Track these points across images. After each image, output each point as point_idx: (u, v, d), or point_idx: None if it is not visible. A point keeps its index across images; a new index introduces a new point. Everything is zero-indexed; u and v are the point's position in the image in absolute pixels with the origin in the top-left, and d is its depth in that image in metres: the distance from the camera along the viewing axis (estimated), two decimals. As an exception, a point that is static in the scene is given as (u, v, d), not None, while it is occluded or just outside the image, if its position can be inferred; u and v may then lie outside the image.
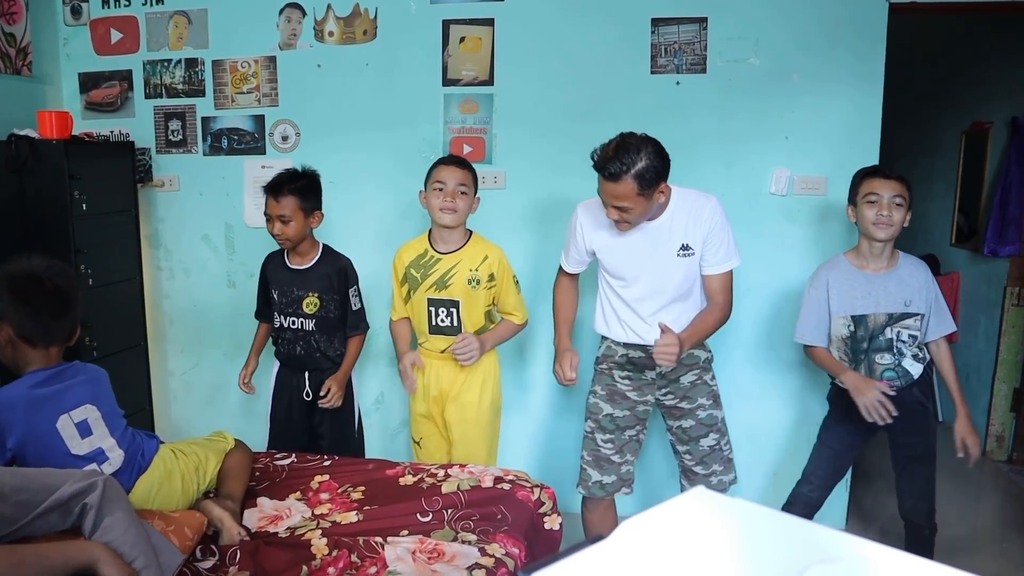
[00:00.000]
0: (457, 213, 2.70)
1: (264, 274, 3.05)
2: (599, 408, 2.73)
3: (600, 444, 2.72)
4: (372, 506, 2.30)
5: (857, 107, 3.19)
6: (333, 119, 3.51)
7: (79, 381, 2.08)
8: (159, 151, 3.69)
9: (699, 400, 2.68)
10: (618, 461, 2.72)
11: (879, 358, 2.64)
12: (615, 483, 2.72)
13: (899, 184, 2.57)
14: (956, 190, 4.78)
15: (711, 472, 2.72)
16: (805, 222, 3.28)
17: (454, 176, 2.70)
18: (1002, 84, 4.32)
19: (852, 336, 2.65)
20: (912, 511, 2.75)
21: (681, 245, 2.54)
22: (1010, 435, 4.30)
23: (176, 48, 3.62)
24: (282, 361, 3.02)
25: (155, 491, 2.15)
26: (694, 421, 2.68)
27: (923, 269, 2.67)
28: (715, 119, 3.26)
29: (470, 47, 3.37)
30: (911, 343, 2.63)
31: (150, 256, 3.76)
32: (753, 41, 3.21)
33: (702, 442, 2.69)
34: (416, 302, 2.80)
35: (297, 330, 2.94)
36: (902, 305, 2.61)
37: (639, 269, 2.57)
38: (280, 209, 2.82)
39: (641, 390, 2.70)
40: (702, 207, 2.54)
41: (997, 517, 3.79)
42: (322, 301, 2.92)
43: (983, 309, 4.48)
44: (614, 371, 2.72)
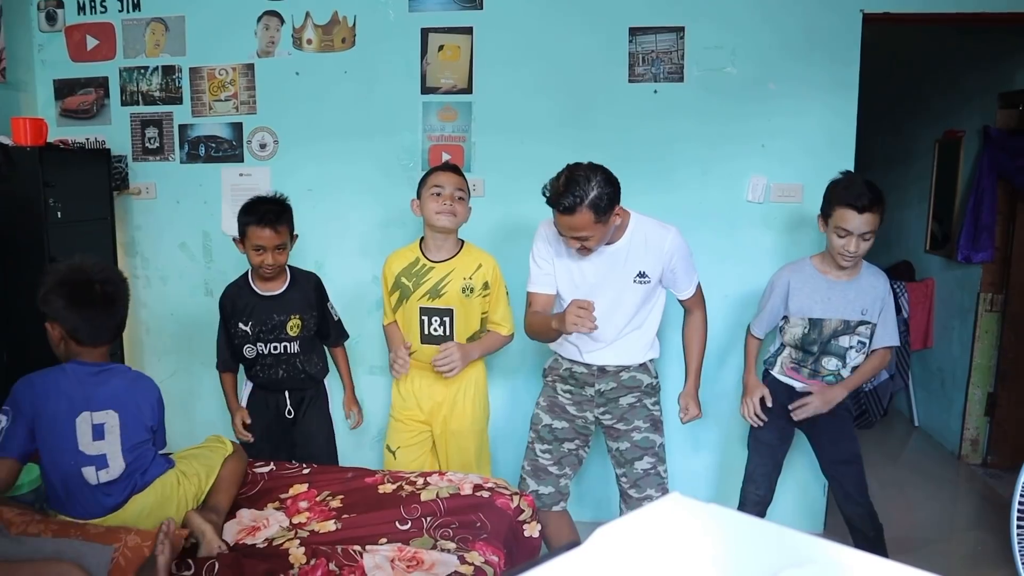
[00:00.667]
0: (456, 217, 2.69)
1: (225, 314, 2.91)
2: (540, 419, 2.74)
3: (539, 454, 2.72)
4: (351, 514, 2.29)
5: (832, 116, 3.23)
6: (311, 127, 3.50)
7: (115, 385, 2.17)
8: (136, 158, 3.66)
9: (635, 423, 2.67)
10: (556, 473, 2.70)
11: (826, 362, 2.71)
12: (552, 495, 2.70)
13: (872, 216, 2.54)
14: (930, 197, 4.84)
15: (645, 496, 2.67)
16: (781, 229, 3.31)
17: (452, 181, 2.70)
18: (974, 93, 4.38)
19: (805, 337, 2.72)
20: (852, 517, 2.79)
21: (638, 272, 2.55)
22: (984, 439, 4.35)
23: (153, 55, 3.59)
24: (259, 384, 2.96)
25: (147, 513, 2.14)
26: (629, 443, 2.67)
27: (883, 280, 2.71)
28: (692, 127, 3.29)
29: (449, 55, 3.38)
30: (859, 349, 2.69)
31: (127, 264, 3.72)
32: (730, 50, 3.24)
33: (636, 465, 2.66)
34: (408, 311, 2.78)
35: (279, 355, 2.89)
36: (859, 313, 2.66)
37: (594, 289, 2.55)
38: (279, 239, 2.78)
39: (580, 405, 2.70)
40: (662, 239, 2.55)
41: (971, 519, 3.84)
42: (303, 321, 2.90)
43: (957, 315, 4.54)
44: (557, 384, 2.73)
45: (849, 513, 2.79)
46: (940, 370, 4.74)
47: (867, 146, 3.84)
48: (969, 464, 4.36)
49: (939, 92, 4.82)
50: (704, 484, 3.50)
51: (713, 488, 3.49)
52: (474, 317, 2.78)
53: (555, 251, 2.61)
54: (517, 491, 2.41)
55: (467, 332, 2.78)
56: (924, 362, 4.95)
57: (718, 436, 3.47)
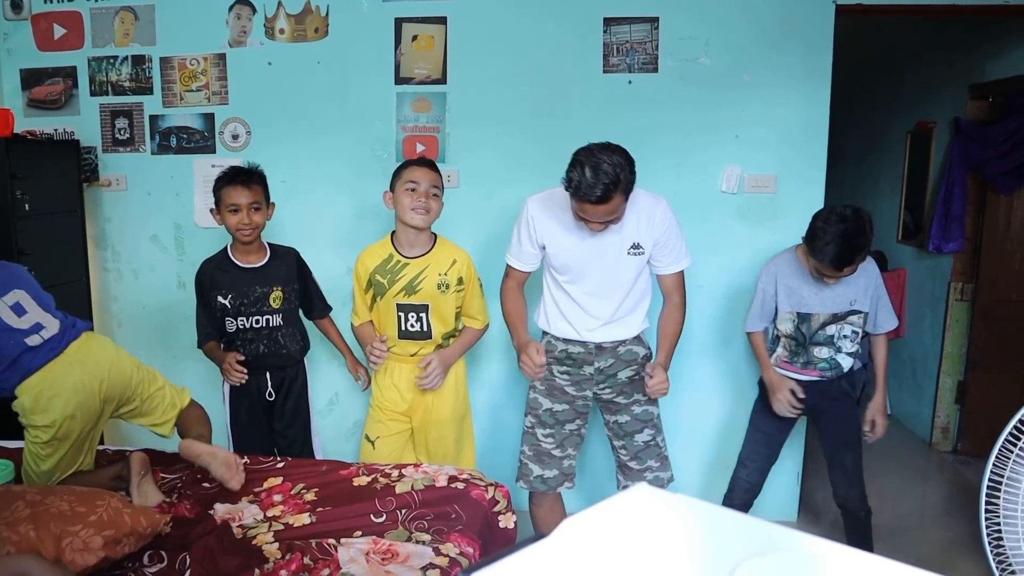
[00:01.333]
0: (429, 214, 2.68)
1: (202, 287, 2.90)
2: (539, 403, 2.74)
3: (541, 439, 2.74)
4: (325, 507, 2.28)
5: (806, 107, 3.25)
6: (285, 117, 3.47)
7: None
8: (105, 150, 3.61)
9: (635, 396, 2.70)
10: (559, 455, 2.74)
11: (817, 351, 2.76)
12: (557, 477, 2.73)
13: (849, 269, 2.59)
14: (902, 188, 4.89)
15: (646, 467, 2.74)
16: (756, 219, 3.33)
17: (428, 177, 2.68)
18: (945, 85, 4.42)
19: (796, 330, 2.76)
20: (847, 498, 2.85)
21: (632, 244, 2.56)
22: (955, 426, 4.41)
23: (122, 45, 3.54)
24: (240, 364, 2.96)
25: (96, 355, 2.38)
26: (629, 416, 2.70)
27: (870, 267, 2.74)
28: (667, 117, 3.29)
29: (423, 45, 3.36)
30: (853, 338, 2.73)
31: (97, 257, 3.68)
32: (704, 41, 3.24)
33: (637, 437, 2.71)
34: (384, 308, 2.77)
35: (261, 328, 2.88)
36: (847, 305, 2.69)
37: (589, 265, 2.58)
38: (252, 196, 2.79)
39: (579, 385, 2.72)
40: (654, 208, 2.57)
41: (942, 506, 3.89)
42: (285, 294, 2.90)
43: (928, 304, 4.59)
44: (553, 366, 2.73)
45: (844, 494, 2.85)
46: (912, 359, 4.80)
47: (840, 137, 3.87)
48: (940, 451, 4.42)
49: (911, 83, 4.87)
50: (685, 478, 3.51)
51: (696, 483, 3.50)
52: (449, 312, 2.78)
53: (544, 227, 2.60)
54: (493, 482, 2.41)
55: (443, 327, 2.78)
56: (897, 351, 5.00)
57: (700, 428, 3.48)
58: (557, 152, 2.65)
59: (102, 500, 1.93)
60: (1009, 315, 4.16)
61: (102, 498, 1.94)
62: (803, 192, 3.24)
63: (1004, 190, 4.04)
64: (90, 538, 1.82)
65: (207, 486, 2.39)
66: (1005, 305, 4.17)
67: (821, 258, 2.55)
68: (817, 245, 2.55)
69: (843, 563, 0.68)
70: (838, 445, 2.84)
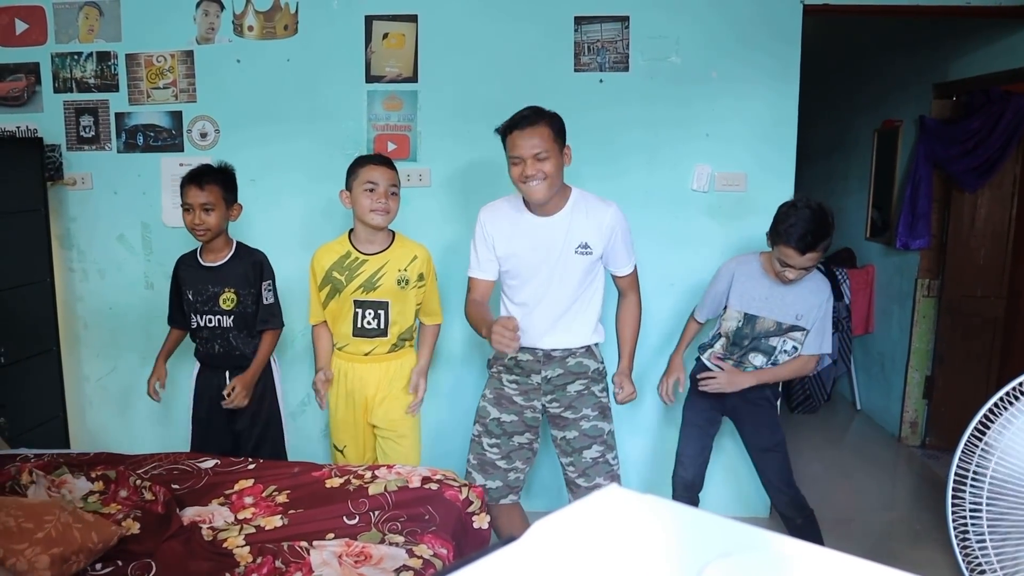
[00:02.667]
0: (389, 215, 2.67)
1: (176, 276, 2.97)
2: (487, 412, 2.72)
3: (486, 448, 2.70)
4: (297, 510, 2.26)
5: (774, 105, 3.28)
6: (254, 116, 3.44)
7: None
8: (70, 148, 3.55)
9: (583, 411, 2.66)
10: (504, 467, 2.70)
11: (752, 357, 2.77)
12: (500, 489, 2.69)
13: (815, 255, 2.59)
14: (870, 185, 4.95)
15: (594, 484, 2.67)
16: (726, 218, 3.36)
17: (386, 176, 2.66)
18: (911, 84, 4.49)
19: (738, 330, 2.77)
20: (777, 503, 2.85)
21: (580, 243, 2.56)
22: (923, 421, 4.48)
23: (87, 41, 3.48)
24: (202, 361, 2.95)
25: None
26: (577, 432, 2.67)
27: (824, 288, 2.74)
28: (638, 116, 3.31)
29: (393, 43, 3.34)
30: (791, 352, 2.75)
31: (62, 257, 3.62)
32: (674, 40, 3.26)
33: (585, 454, 2.67)
34: (341, 305, 2.76)
35: (214, 328, 2.88)
36: (793, 317, 2.71)
37: (537, 264, 2.57)
38: (204, 197, 2.77)
39: (527, 395, 2.69)
40: (603, 212, 2.58)
41: (911, 500, 3.96)
42: (239, 296, 2.87)
43: (896, 300, 4.66)
44: (503, 375, 2.71)
45: (774, 500, 2.86)
46: (881, 354, 4.87)
47: (809, 135, 3.91)
48: (908, 446, 4.48)
49: (877, 82, 4.93)
50: (640, 470, 3.54)
51: (648, 473, 3.52)
52: (409, 309, 2.78)
53: (495, 232, 2.62)
54: (466, 483, 2.41)
55: (403, 324, 2.77)
56: (866, 347, 5.08)
57: (656, 423, 3.50)
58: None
59: (51, 515, 1.87)
60: (974, 310, 4.23)
61: (51, 512, 1.88)
62: (773, 190, 3.26)
63: (968, 187, 4.11)
64: (36, 557, 1.76)
65: (176, 487, 2.37)
66: (970, 301, 4.24)
67: (786, 239, 2.55)
68: (782, 228, 2.57)
69: (812, 562, 0.69)
70: (759, 451, 2.84)
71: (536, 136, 2.45)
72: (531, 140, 2.44)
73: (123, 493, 2.32)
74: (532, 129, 2.46)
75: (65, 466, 2.42)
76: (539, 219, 2.57)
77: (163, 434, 3.59)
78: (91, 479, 2.38)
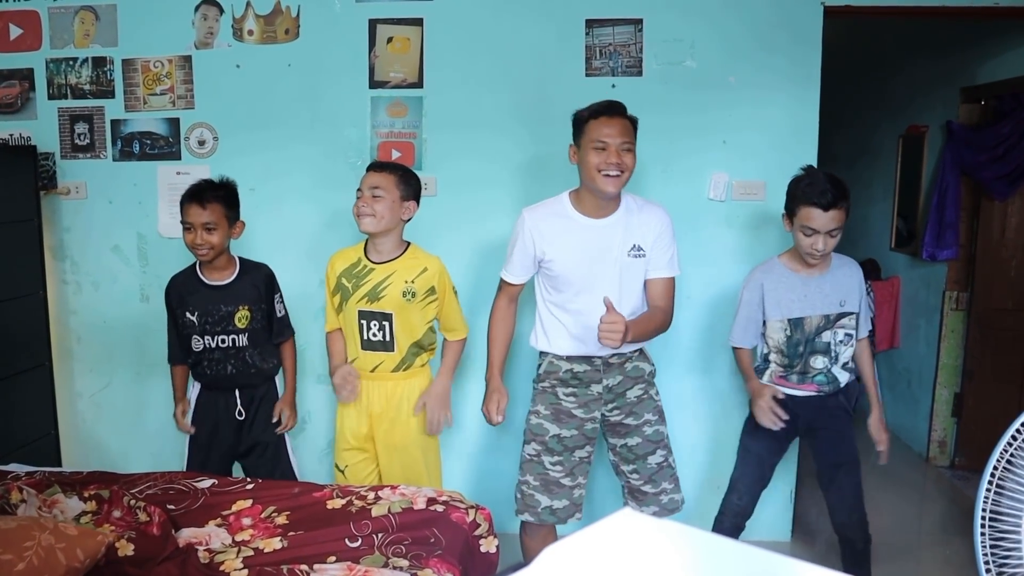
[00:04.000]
0: (374, 218, 2.66)
1: (171, 304, 2.92)
2: (544, 429, 2.69)
3: (549, 467, 2.68)
4: (297, 531, 2.26)
5: (794, 110, 3.28)
6: (253, 123, 3.45)
7: None
8: (64, 156, 3.58)
9: (645, 416, 2.69)
10: (569, 484, 2.69)
11: (814, 361, 2.73)
12: (567, 508, 2.69)
13: (837, 213, 2.58)
14: (895, 194, 4.94)
15: (661, 491, 2.72)
16: (744, 228, 3.35)
17: (370, 180, 2.70)
18: (937, 88, 4.48)
19: (788, 340, 2.73)
20: (845, 524, 2.80)
21: (633, 245, 2.58)
22: (952, 440, 4.45)
23: (82, 46, 3.51)
24: (206, 384, 2.94)
25: None
26: (640, 438, 2.69)
27: (855, 268, 2.77)
28: (652, 122, 3.29)
29: (398, 48, 3.36)
30: (848, 342, 2.72)
31: (55, 269, 3.64)
32: (689, 43, 3.27)
33: (650, 459, 2.69)
34: (347, 314, 2.76)
35: (227, 348, 2.87)
36: (837, 306, 2.70)
37: (592, 269, 2.57)
38: (205, 216, 2.78)
39: (587, 407, 2.68)
40: (652, 210, 2.63)
41: (939, 523, 3.92)
42: (252, 313, 2.88)
43: (923, 314, 4.64)
44: (558, 388, 2.70)
45: (843, 521, 2.79)
46: (907, 370, 4.84)
47: (830, 142, 3.90)
48: (936, 466, 4.45)
49: (902, 86, 4.92)
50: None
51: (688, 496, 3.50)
52: (418, 324, 2.76)
53: (543, 235, 2.60)
54: (473, 505, 2.40)
55: (409, 339, 2.76)
56: (891, 363, 5.05)
57: (685, 447, 3.47)
58: (538, 159, 2.66)
59: (31, 539, 1.83)
60: (1005, 324, 4.21)
61: (31, 536, 1.84)
62: (793, 199, 3.26)
63: (998, 195, 4.09)
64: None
65: (172, 508, 2.37)
66: (1001, 314, 4.21)
67: (807, 197, 2.59)
68: (800, 189, 2.63)
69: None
70: (836, 466, 2.77)
71: (623, 126, 2.50)
72: (618, 127, 2.49)
73: (117, 513, 2.32)
74: (620, 119, 2.50)
75: (57, 485, 2.42)
76: (593, 222, 2.58)
77: (158, 453, 3.59)
78: (84, 499, 2.38)
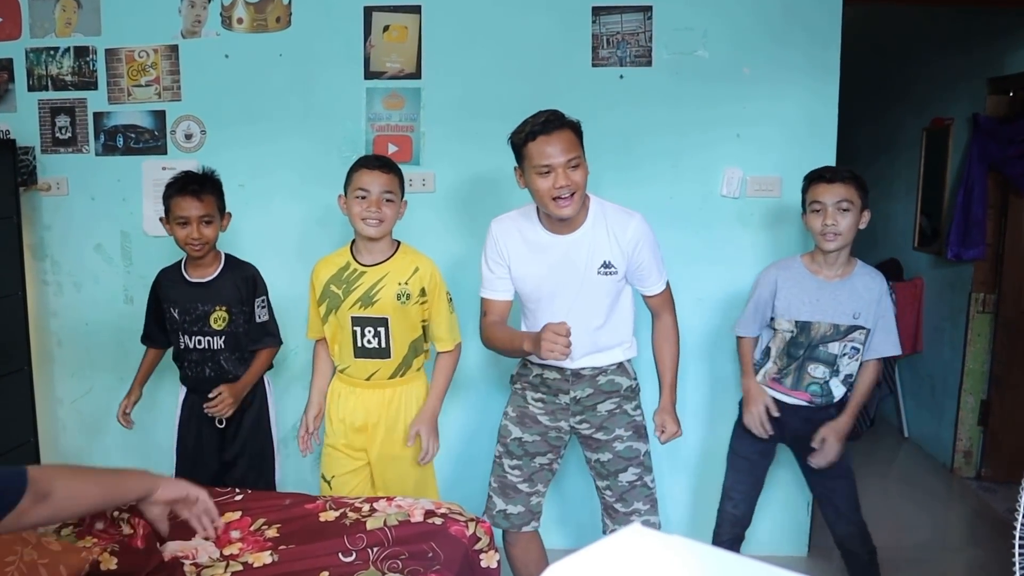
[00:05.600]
0: (383, 224, 2.66)
1: (156, 293, 2.97)
2: (508, 431, 2.73)
3: (507, 470, 2.71)
4: (288, 545, 2.26)
5: (812, 102, 3.28)
6: (243, 115, 3.46)
7: None
8: (45, 150, 3.59)
9: (616, 431, 2.66)
10: (526, 491, 2.70)
11: (812, 368, 2.73)
12: (522, 515, 2.70)
13: (844, 187, 2.61)
14: (918, 190, 4.93)
15: (632, 510, 2.68)
16: (759, 226, 3.35)
17: (378, 182, 2.65)
18: (963, 79, 4.48)
19: (793, 338, 2.74)
20: (844, 537, 2.81)
21: (602, 262, 2.53)
22: (978, 450, 4.44)
23: (64, 35, 3.52)
24: (190, 387, 2.96)
25: None
26: (611, 454, 2.67)
27: (879, 282, 2.73)
28: (662, 115, 3.31)
29: (395, 37, 3.37)
30: (852, 355, 2.71)
31: (34, 269, 3.65)
32: (701, 32, 3.27)
33: (621, 477, 2.67)
34: (339, 322, 2.75)
35: (204, 350, 2.89)
36: (850, 317, 2.68)
37: (556, 288, 2.56)
38: (203, 208, 2.80)
39: (554, 415, 2.69)
40: (625, 224, 2.55)
41: (965, 537, 3.92)
42: (231, 315, 2.88)
43: (948, 316, 4.63)
44: (527, 392, 2.72)
45: (840, 533, 2.81)
46: (930, 376, 4.83)
47: (850, 135, 3.90)
48: (962, 477, 4.44)
49: (925, 77, 4.92)
50: (679, 505, 3.53)
51: (690, 509, 3.51)
52: (413, 325, 2.77)
53: (509, 249, 2.61)
54: (473, 517, 2.40)
55: (406, 341, 2.76)
56: (913, 368, 5.04)
57: (693, 452, 3.49)
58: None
59: (13, 554, 1.82)
60: (1034, 328, 4.20)
61: (13, 551, 1.83)
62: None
63: (1027, 192, 4.09)
64: None
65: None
66: (1030, 317, 4.21)
67: (813, 176, 2.69)
68: (808, 174, 2.74)
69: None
70: (826, 478, 2.78)
71: (565, 141, 2.41)
72: (560, 145, 2.40)
73: (99, 526, 2.32)
74: (559, 134, 2.41)
75: (37, 497, 2.42)
76: (556, 237, 2.55)
77: (143, 462, 3.58)
78: (65, 511, 2.38)
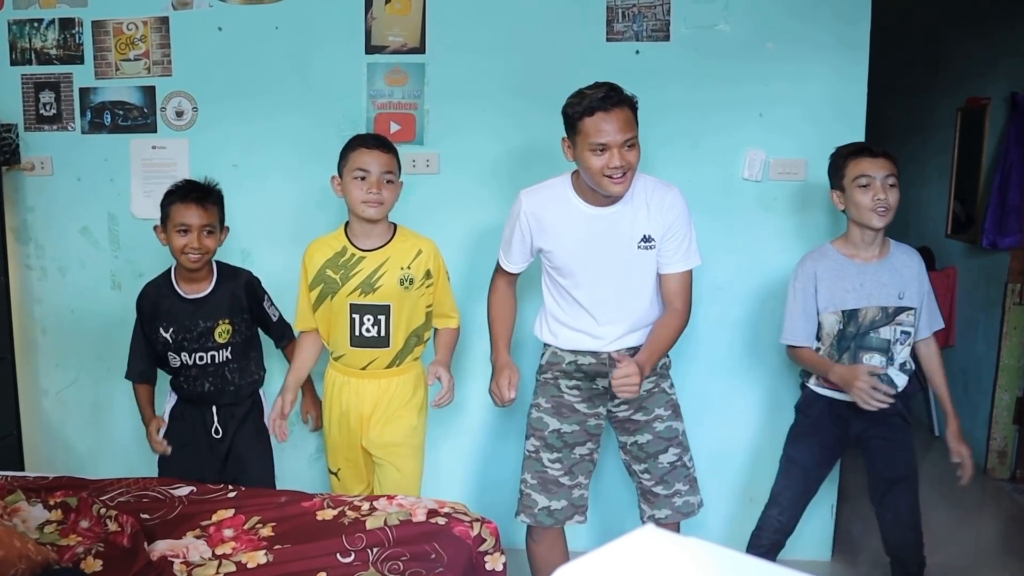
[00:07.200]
0: (383, 206, 2.68)
1: (142, 318, 2.95)
2: (544, 423, 2.73)
3: (547, 465, 2.72)
4: (284, 545, 2.27)
5: (839, 80, 3.26)
6: (237, 91, 3.46)
7: None
8: (28, 128, 3.59)
9: (656, 411, 2.71)
10: (568, 484, 2.73)
11: (867, 358, 2.70)
12: (566, 509, 2.73)
13: (889, 162, 2.67)
14: (951, 174, 4.91)
15: (674, 492, 2.74)
16: (783, 211, 3.34)
17: (378, 162, 2.66)
18: (1001, 56, 4.45)
19: (841, 332, 2.72)
20: (900, 546, 2.80)
21: (643, 236, 2.57)
22: (1013, 450, 4.43)
23: (48, 6, 3.52)
24: (182, 397, 2.98)
25: None
26: (651, 435, 2.71)
27: (916, 258, 2.77)
28: (680, 93, 3.30)
29: (398, 8, 3.36)
30: (904, 340, 2.70)
31: (17, 253, 3.66)
32: (723, 5, 3.25)
33: (661, 458, 2.71)
34: (335, 309, 2.76)
35: (206, 365, 2.90)
36: (896, 298, 2.69)
37: (595, 263, 2.58)
38: (207, 218, 2.82)
39: (592, 401, 2.72)
40: (663, 195, 2.59)
41: (999, 542, 3.91)
42: (234, 325, 2.91)
43: (982, 308, 4.61)
44: (560, 381, 2.73)
45: (898, 541, 2.79)
46: (963, 372, 4.82)
47: (879, 115, 3.88)
48: (996, 479, 4.44)
49: (960, 55, 4.89)
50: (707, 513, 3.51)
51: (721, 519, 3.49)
52: (417, 312, 2.78)
53: (541, 223, 2.62)
54: (478, 517, 2.41)
55: (408, 329, 2.77)
56: (945, 363, 4.96)
57: (724, 455, 3.47)
58: (552, 132, 2.66)
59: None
60: (1074, 321, 4.19)
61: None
62: (837, 179, 3.25)
63: (1068, 177, 4.07)
64: None
65: (146, 517, 2.39)
66: (1069, 310, 4.19)
67: (853, 150, 2.72)
68: (843, 151, 2.76)
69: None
70: (892, 481, 2.76)
71: (623, 119, 2.43)
72: (618, 123, 2.42)
73: (84, 523, 2.34)
74: (618, 111, 2.43)
75: (20, 491, 2.44)
76: (597, 210, 2.58)
77: (131, 456, 3.62)
78: (49, 507, 2.40)
